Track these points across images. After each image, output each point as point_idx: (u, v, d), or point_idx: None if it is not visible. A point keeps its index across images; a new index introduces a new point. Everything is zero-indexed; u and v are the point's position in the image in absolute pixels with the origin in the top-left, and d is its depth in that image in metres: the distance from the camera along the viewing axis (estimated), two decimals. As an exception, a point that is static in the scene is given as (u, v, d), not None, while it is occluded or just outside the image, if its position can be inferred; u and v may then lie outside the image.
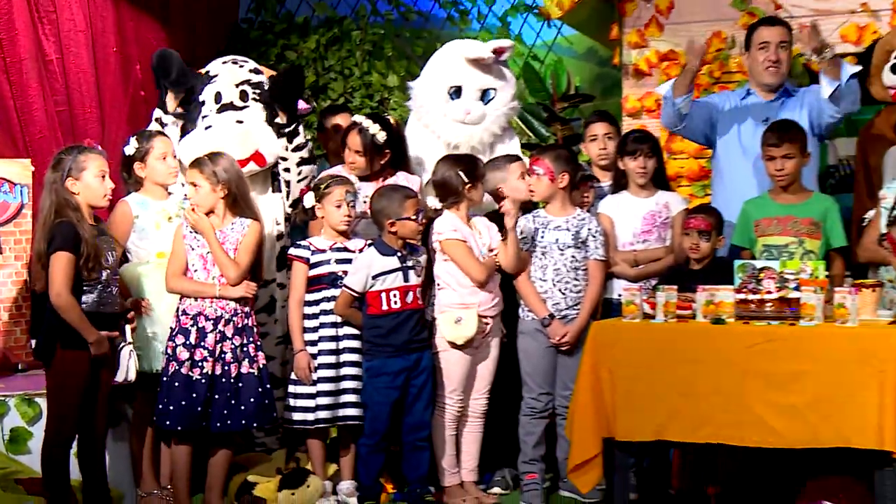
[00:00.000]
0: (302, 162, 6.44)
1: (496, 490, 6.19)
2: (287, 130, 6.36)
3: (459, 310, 5.91)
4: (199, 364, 5.55)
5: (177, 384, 5.52)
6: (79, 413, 5.33)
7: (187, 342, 5.56)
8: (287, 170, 6.42)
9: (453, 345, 5.92)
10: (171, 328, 5.63)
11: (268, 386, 5.73)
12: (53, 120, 6.92)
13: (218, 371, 5.59)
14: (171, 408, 5.52)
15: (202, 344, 5.56)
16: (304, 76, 6.46)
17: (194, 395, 5.53)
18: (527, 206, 6.24)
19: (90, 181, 5.30)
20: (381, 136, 6.23)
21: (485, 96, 6.51)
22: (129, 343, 5.57)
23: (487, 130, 6.50)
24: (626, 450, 5.29)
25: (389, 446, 5.98)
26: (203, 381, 5.54)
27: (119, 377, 5.51)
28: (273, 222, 6.39)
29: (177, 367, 5.53)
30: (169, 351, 5.59)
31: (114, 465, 5.74)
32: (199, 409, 5.53)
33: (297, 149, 6.40)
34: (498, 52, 6.49)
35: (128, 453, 6.01)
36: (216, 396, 5.58)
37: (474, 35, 8.06)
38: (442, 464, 6.01)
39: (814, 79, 6.21)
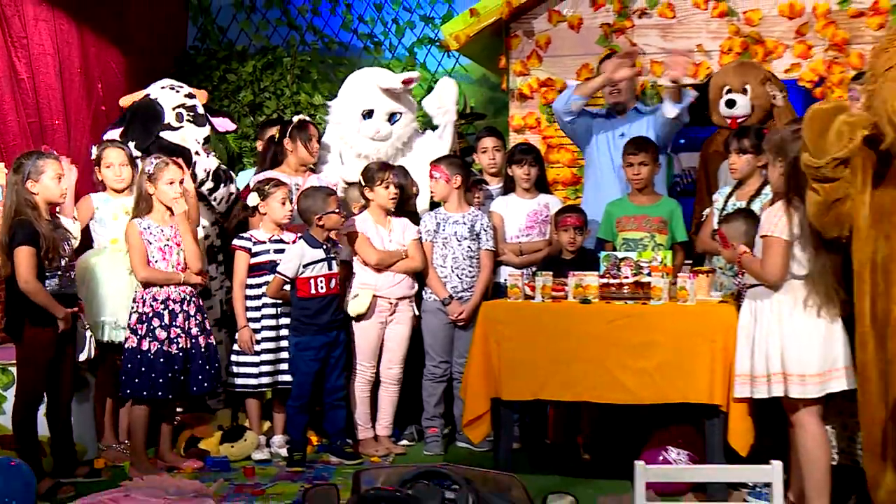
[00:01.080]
0: (211, 190, 6.43)
1: (404, 442, 6.26)
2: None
3: (360, 289, 6.03)
4: (175, 340, 5.57)
5: (162, 360, 5.54)
6: (44, 380, 5.33)
7: (163, 324, 5.56)
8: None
9: (350, 315, 6.02)
10: (143, 313, 5.57)
11: (217, 355, 5.85)
12: (25, 130, 6.80)
13: (189, 345, 5.64)
14: (161, 381, 5.54)
15: (174, 324, 5.58)
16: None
17: (176, 366, 5.56)
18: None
19: (48, 182, 5.29)
20: None
21: (392, 118, 6.60)
22: (87, 327, 5.61)
23: (392, 146, 6.61)
24: (510, 407, 5.38)
25: (314, 407, 6.03)
26: (181, 354, 5.59)
27: (82, 356, 5.56)
28: (201, 226, 6.38)
29: (159, 346, 5.53)
30: (140, 331, 5.56)
31: (78, 425, 5.70)
32: (182, 377, 5.60)
33: (201, 184, 6.32)
34: (406, 82, 6.60)
35: (91, 415, 5.99)
36: (189, 365, 5.63)
37: (386, 63, 8.03)
38: (357, 420, 6.09)
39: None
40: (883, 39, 4.51)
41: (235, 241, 6.10)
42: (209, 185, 6.42)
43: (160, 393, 5.55)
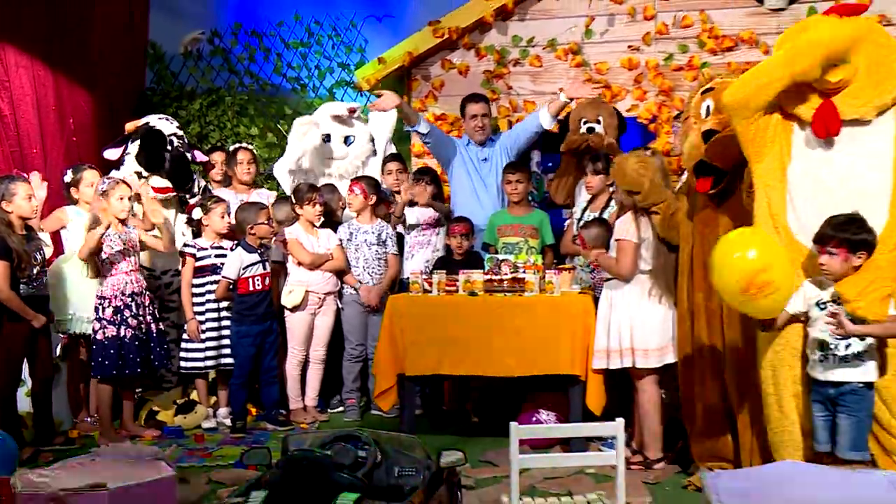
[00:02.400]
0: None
1: (328, 411, 6.25)
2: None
3: (295, 286, 6.01)
4: (131, 328, 5.54)
5: (121, 344, 5.50)
6: (20, 366, 5.30)
7: (122, 315, 5.53)
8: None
9: (286, 307, 6.00)
10: (104, 307, 5.51)
11: (167, 339, 5.84)
12: (8, 157, 6.67)
13: (143, 332, 5.61)
14: (121, 362, 5.51)
15: (131, 314, 5.55)
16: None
17: (132, 350, 5.54)
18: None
19: (20, 202, 5.21)
20: None
21: (347, 140, 6.64)
22: (58, 331, 5.59)
23: (351, 163, 6.65)
24: (413, 381, 5.40)
25: (252, 384, 5.98)
26: (137, 339, 5.56)
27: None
28: (180, 233, 6.35)
29: (116, 333, 5.50)
30: (103, 322, 5.50)
31: (56, 402, 5.64)
32: (139, 358, 5.57)
33: (192, 196, 6.44)
34: (351, 111, 6.70)
35: (65, 394, 5.89)
36: (144, 348, 5.61)
37: (310, 101, 8.04)
38: (289, 394, 6.08)
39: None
40: (693, 91, 4.76)
41: (182, 248, 6.05)
42: (196, 199, 6.44)
43: (127, 371, 5.52)
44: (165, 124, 6.42)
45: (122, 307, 5.54)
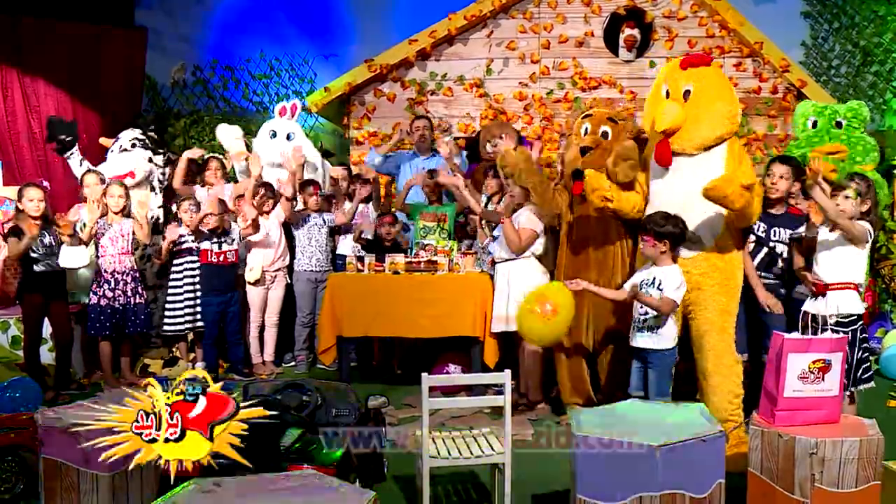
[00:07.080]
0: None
1: (283, 365, 6.12)
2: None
3: (254, 264, 5.86)
4: (118, 299, 5.44)
5: (109, 311, 5.42)
6: (40, 327, 5.23)
7: (111, 288, 5.43)
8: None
9: (248, 282, 5.87)
10: (98, 281, 5.41)
11: (147, 308, 5.67)
12: (37, 164, 6.89)
13: (125, 301, 5.47)
14: (108, 324, 5.42)
15: (118, 288, 5.44)
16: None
17: (118, 315, 5.44)
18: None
19: (26, 203, 5.16)
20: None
21: (289, 137, 6.47)
22: (71, 234, 5.27)
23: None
24: (349, 341, 5.33)
25: (222, 343, 5.82)
26: (121, 307, 5.45)
27: (74, 264, 5.23)
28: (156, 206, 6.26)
29: (108, 302, 5.42)
30: (97, 293, 5.41)
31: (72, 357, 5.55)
32: (122, 322, 5.48)
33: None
34: (292, 108, 6.57)
35: (79, 351, 5.74)
36: (126, 314, 5.47)
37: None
38: (251, 352, 5.96)
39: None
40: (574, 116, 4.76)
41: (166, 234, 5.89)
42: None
43: (104, 332, 5.42)
44: (129, 133, 6.29)
45: (102, 282, 5.44)
